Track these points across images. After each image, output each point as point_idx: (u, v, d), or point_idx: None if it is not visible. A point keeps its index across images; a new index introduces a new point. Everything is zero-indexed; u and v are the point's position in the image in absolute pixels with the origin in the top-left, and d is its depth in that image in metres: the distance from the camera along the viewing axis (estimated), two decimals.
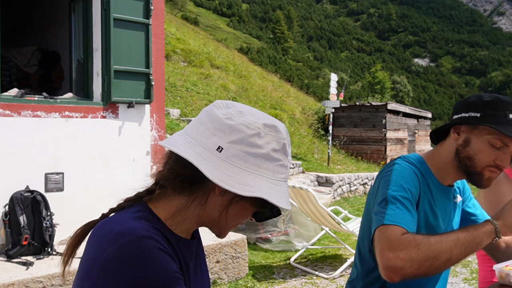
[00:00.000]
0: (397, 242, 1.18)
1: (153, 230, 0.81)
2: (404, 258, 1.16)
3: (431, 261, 1.17)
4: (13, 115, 3.89)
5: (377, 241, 1.24)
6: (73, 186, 4.10)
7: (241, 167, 0.83)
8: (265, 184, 0.84)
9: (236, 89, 14.38)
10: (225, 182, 0.81)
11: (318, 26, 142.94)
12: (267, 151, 0.85)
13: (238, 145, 0.84)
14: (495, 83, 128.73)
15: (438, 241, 1.19)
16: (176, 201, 0.88)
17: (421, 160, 1.49)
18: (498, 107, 1.35)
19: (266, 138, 0.86)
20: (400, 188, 1.34)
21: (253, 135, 0.85)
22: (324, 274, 4.47)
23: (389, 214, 1.26)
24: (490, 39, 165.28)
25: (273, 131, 0.87)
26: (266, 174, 0.85)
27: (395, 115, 14.67)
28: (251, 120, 0.86)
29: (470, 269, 4.81)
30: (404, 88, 59.12)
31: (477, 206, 1.64)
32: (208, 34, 38.80)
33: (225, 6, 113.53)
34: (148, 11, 4.56)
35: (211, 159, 0.83)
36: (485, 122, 1.35)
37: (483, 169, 1.38)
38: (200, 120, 0.88)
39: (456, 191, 1.57)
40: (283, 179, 0.89)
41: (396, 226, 1.23)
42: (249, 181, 0.83)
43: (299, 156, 11.29)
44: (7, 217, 3.80)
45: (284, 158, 0.88)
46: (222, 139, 0.84)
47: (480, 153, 1.37)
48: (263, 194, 0.83)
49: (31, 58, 5.77)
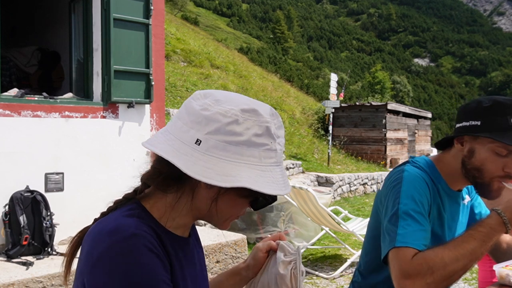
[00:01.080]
0: (410, 268, 1.17)
1: (144, 227, 0.81)
2: (420, 284, 1.15)
3: (448, 280, 1.17)
4: (13, 115, 3.89)
5: (391, 266, 1.22)
6: (73, 186, 4.10)
7: (222, 158, 0.80)
8: (251, 172, 0.81)
9: (236, 89, 14.38)
10: (204, 176, 0.79)
11: (318, 26, 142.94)
12: (248, 138, 0.82)
13: (216, 136, 0.81)
14: (495, 83, 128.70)
15: (453, 260, 1.16)
16: (165, 198, 0.88)
17: (431, 164, 1.45)
18: (498, 113, 1.30)
19: (245, 124, 0.82)
20: (412, 201, 1.30)
21: (230, 123, 0.81)
22: (324, 274, 4.47)
23: (400, 235, 1.24)
24: (490, 39, 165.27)
25: (253, 115, 0.83)
26: (251, 161, 0.82)
27: (395, 115, 14.68)
28: (228, 108, 0.83)
29: (470, 270, 4.81)
30: (404, 88, 59.11)
31: (482, 204, 1.64)
32: (208, 34, 38.80)
33: (225, 6, 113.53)
34: (148, 11, 4.56)
35: (191, 154, 0.81)
36: (486, 131, 1.30)
37: (491, 179, 1.34)
38: (178, 114, 0.87)
39: (464, 191, 1.55)
40: (275, 164, 0.85)
41: (407, 248, 1.21)
42: (231, 171, 0.80)
43: (299, 156, 11.29)
44: (7, 217, 3.80)
45: (271, 142, 0.84)
46: (200, 132, 0.82)
47: (486, 163, 1.32)
48: (246, 183, 0.79)
49: (31, 58, 5.77)
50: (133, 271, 0.76)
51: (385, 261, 1.28)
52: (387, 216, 1.32)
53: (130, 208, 0.85)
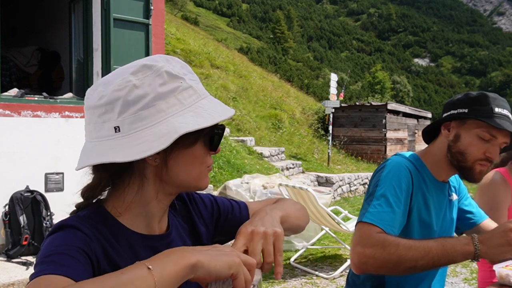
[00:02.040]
0: (367, 240, 1.26)
1: (81, 221, 0.78)
2: (368, 255, 1.23)
3: (394, 265, 1.22)
4: (13, 115, 3.89)
5: (354, 236, 1.32)
6: (73, 186, 4.10)
7: (146, 126, 0.76)
8: (180, 119, 0.77)
9: (236, 89, 14.38)
10: (140, 152, 0.74)
11: (318, 26, 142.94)
12: (155, 93, 0.77)
13: (127, 112, 0.76)
14: (495, 83, 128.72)
15: (406, 248, 1.22)
16: (123, 196, 0.83)
17: (416, 157, 1.53)
18: (485, 102, 1.40)
19: (144, 82, 0.78)
20: (389, 185, 1.38)
21: (129, 91, 0.77)
22: (324, 274, 4.47)
23: (369, 212, 1.32)
24: (490, 39, 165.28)
25: (147, 70, 0.79)
26: (174, 110, 0.78)
27: (395, 115, 14.67)
28: (119, 80, 0.79)
29: (470, 269, 4.80)
30: (404, 88, 59.16)
31: (474, 205, 1.66)
32: (208, 34, 38.79)
33: (225, 6, 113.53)
34: (148, 11, 4.56)
35: (117, 144, 0.76)
36: (473, 116, 1.40)
37: (473, 163, 1.41)
38: (86, 121, 0.82)
39: (451, 189, 1.59)
40: (198, 98, 0.81)
41: (372, 226, 1.29)
42: (162, 131, 0.76)
43: (299, 156, 11.29)
44: (7, 217, 3.81)
45: (181, 82, 0.80)
46: (112, 119, 0.77)
47: (470, 146, 1.41)
48: (180, 131, 0.75)
49: (31, 58, 5.77)
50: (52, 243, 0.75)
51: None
52: (365, 197, 1.43)
53: (82, 212, 0.83)
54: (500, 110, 1.38)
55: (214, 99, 0.85)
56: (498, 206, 1.89)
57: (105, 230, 0.80)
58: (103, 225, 0.81)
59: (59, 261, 0.69)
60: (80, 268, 0.70)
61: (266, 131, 12.21)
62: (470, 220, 1.62)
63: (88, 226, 0.78)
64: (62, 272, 0.67)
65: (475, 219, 1.61)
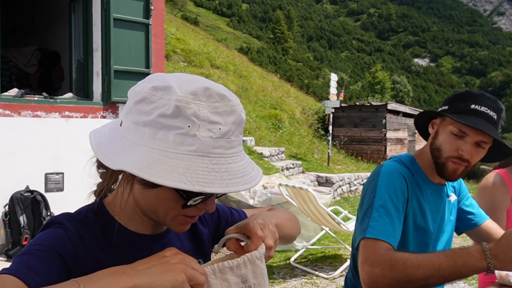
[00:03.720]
0: (374, 258, 1.23)
1: (71, 219, 0.79)
2: (377, 274, 1.20)
3: (404, 284, 1.18)
4: (13, 115, 3.89)
5: (360, 253, 1.28)
6: (73, 186, 4.10)
7: (135, 141, 0.70)
8: (153, 157, 0.67)
9: (236, 89, 14.38)
10: (121, 165, 0.69)
11: (318, 26, 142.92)
12: (154, 118, 0.69)
13: (129, 116, 0.73)
14: (495, 83, 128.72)
15: (415, 266, 1.18)
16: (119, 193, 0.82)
17: (412, 159, 1.51)
18: (464, 99, 1.38)
19: (156, 102, 0.70)
20: (386, 194, 1.36)
21: (139, 101, 0.71)
22: (324, 274, 4.47)
23: (371, 226, 1.30)
24: (490, 39, 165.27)
25: (165, 93, 0.70)
26: (160, 146, 0.68)
27: (395, 115, 14.67)
28: (142, 85, 0.73)
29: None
30: (404, 88, 59.13)
31: (475, 205, 1.64)
32: (208, 34, 38.79)
33: (225, 6, 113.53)
34: (148, 11, 4.56)
35: (116, 147, 0.73)
36: (449, 113, 1.39)
37: (446, 159, 1.39)
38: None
39: (450, 190, 1.57)
40: (195, 153, 0.68)
41: (378, 241, 1.26)
42: (140, 159, 0.68)
43: (299, 156, 11.29)
44: (7, 217, 3.81)
45: (189, 125, 0.68)
46: (123, 113, 0.76)
47: (444, 143, 1.40)
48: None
49: (31, 58, 5.77)
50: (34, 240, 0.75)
51: (357, 249, 1.33)
52: (363, 208, 1.39)
53: (82, 208, 0.84)
54: (477, 107, 1.35)
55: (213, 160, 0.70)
56: (497, 208, 1.88)
57: (97, 228, 0.80)
58: (97, 223, 0.81)
59: (26, 262, 0.70)
60: (42, 272, 0.69)
61: (266, 131, 12.21)
62: (471, 221, 1.60)
63: (76, 224, 0.78)
64: (21, 276, 0.67)
65: (476, 220, 1.59)
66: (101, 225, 0.81)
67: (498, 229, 1.58)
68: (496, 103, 1.37)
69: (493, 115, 1.35)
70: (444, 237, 1.55)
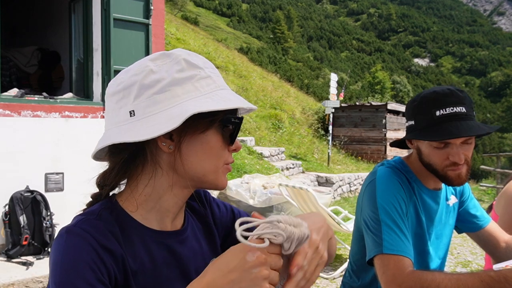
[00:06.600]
0: (403, 278, 1.18)
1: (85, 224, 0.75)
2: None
3: None
4: (13, 115, 3.89)
5: (381, 271, 1.23)
6: (73, 186, 4.10)
7: (160, 110, 0.75)
8: (195, 102, 0.75)
9: (236, 89, 14.38)
10: (152, 133, 0.73)
11: (318, 26, 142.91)
12: (172, 78, 0.77)
13: (142, 95, 0.76)
14: (495, 83, 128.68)
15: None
16: (136, 189, 0.81)
17: (405, 164, 1.48)
18: (424, 110, 1.33)
19: (162, 68, 0.78)
20: (391, 206, 1.32)
21: (146, 75, 0.77)
22: (324, 274, 4.47)
23: (386, 241, 1.26)
24: (490, 39, 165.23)
25: (165, 59, 0.80)
26: (190, 96, 0.76)
27: (395, 115, 14.67)
28: (137, 67, 0.80)
29: (470, 269, 4.80)
30: (404, 88, 59.07)
31: (478, 207, 1.61)
32: (208, 34, 38.78)
33: (225, 6, 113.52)
34: (148, 11, 4.56)
35: (131, 128, 0.76)
36: (417, 130, 1.34)
37: (443, 170, 1.35)
38: (106, 109, 0.84)
39: (450, 193, 1.55)
40: (217, 88, 0.79)
41: (399, 258, 1.22)
42: (175, 113, 0.74)
43: (299, 156, 11.29)
44: (7, 217, 3.81)
45: (200, 70, 0.79)
46: (128, 104, 0.77)
47: (431, 157, 1.36)
48: (193, 110, 0.73)
49: (31, 58, 5.77)
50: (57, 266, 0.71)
51: (369, 263, 1.30)
52: (368, 220, 1.35)
53: (94, 207, 0.82)
54: (442, 112, 1.28)
55: (235, 93, 0.82)
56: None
57: (115, 229, 0.77)
58: (114, 223, 0.78)
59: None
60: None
61: (266, 131, 12.21)
62: (475, 224, 1.57)
63: (95, 231, 0.74)
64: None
65: (480, 223, 1.56)
66: (119, 224, 0.79)
67: (500, 231, 1.56)
68: (455, 94, 1.30)
69: (461, 109, 1.28)
70: (443, 242, 1.54)
